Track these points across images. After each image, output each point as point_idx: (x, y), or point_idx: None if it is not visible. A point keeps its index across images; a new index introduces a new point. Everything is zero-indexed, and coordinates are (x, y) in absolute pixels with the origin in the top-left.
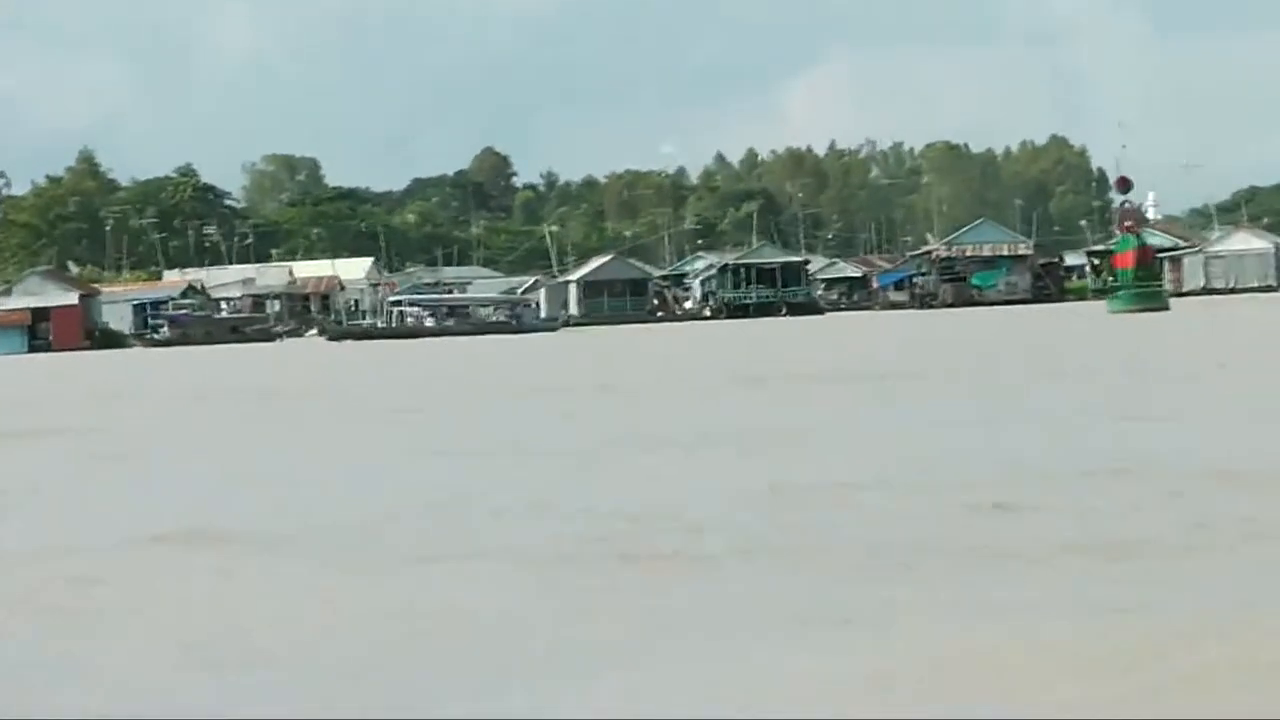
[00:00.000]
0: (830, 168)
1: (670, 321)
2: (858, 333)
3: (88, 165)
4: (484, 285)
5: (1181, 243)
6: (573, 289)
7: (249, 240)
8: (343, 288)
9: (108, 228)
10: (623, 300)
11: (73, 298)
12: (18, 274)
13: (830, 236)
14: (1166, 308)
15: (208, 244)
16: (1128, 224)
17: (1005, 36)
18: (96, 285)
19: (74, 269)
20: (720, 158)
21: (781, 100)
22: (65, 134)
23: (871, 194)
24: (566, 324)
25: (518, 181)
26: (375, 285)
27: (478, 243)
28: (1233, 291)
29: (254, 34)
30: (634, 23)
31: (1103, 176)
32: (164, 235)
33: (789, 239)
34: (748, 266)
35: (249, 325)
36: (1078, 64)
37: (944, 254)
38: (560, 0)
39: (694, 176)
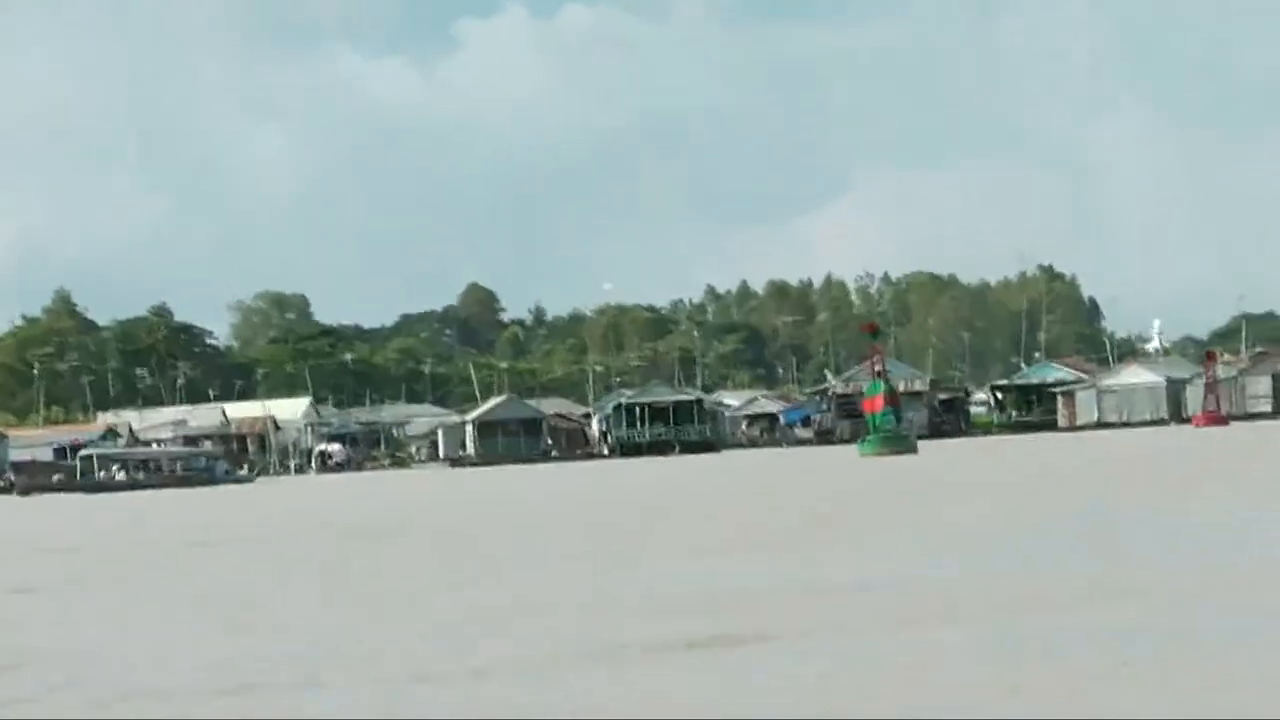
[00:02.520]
0: (820, 300)
1: (563, 461)
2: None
3: (64, 305)
4: (422, 423)
5: (1085, 377)
6: (468, 429)
7: (180, 382)
8: (278, 428)
9: (34, 370)
10: (517, 439)
11: None
12: None
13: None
14: (914, 451)
15: (141, 386)
16: (877, 368)
17: (1016, 160)
18: (4, 430)
19: None
20: (711, 290)
21: (789, 229)
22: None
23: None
24: (264, 473)
25: (506, 317)
26: (310, 425)
27: (435, 380)
28: (1125, 425)
29: (255, 171)
30: (635, 153)
31: (1094, 305)
32: (90, 379)
33: (773, 372)
34: (642, 405)
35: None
36: (1089, 192)
37: (841, 390)
38: (562, 133)
39: (690, 307)
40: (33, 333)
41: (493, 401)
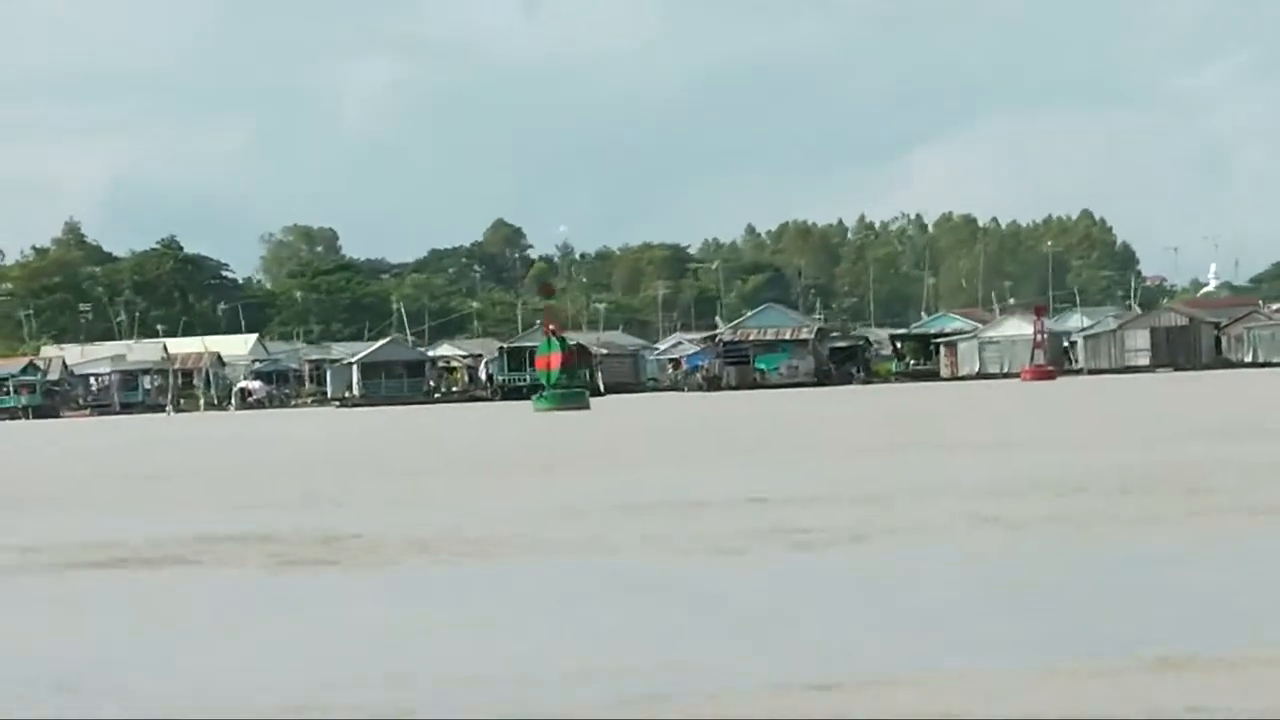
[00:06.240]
0: (846, 243)
1: (444, 403)
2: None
3: (74, 237)
4: None
5: (980, 327)
6: (354, 370)
7: (120, 317)
8: (223, 364)
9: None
10: (400, 381)
11: None
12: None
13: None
14: (587, 407)
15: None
16: (551, 327)
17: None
18: None
19: None
20: (750, 229)
21: (842, 174)
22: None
23: (883, 268)
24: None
25: (533, 253)
26: (254, 362)
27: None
28: (1006, 376)
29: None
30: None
31: (1126, 250)
32: (27, 311)
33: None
34: (525, 349)
35: None
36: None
37: (729, 337)
38: (653, 73)
39: (722, 247)
40: (41, 265)
41: (379, 343)
